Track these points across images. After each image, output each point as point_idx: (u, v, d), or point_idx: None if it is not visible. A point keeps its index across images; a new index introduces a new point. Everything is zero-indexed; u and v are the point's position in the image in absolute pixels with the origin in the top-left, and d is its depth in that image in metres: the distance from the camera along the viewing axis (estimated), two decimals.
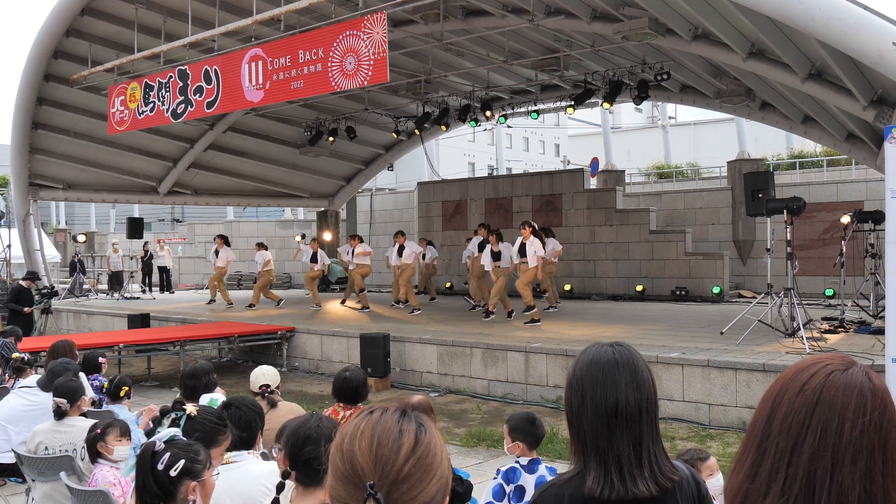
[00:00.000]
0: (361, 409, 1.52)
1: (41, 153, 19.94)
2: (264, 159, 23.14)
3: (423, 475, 1.40)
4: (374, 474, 1.37)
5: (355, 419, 1.47)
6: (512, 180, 22.39)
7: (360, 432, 1.42)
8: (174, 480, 2.59)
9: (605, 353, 2.07)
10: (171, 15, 15.78)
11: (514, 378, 11.00)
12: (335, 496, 1.42)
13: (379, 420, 1.44)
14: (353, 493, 1.38)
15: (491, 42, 16.22)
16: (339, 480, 1.41)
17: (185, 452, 2.66)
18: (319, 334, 13.53)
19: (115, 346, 11.82)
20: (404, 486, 1.38)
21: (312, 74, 12.52)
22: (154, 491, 2.58)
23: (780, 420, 1.24)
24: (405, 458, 1.39)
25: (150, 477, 2.59)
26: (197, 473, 2.64)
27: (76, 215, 48.87)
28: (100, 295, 22.82)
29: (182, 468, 2.60)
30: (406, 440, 1.41)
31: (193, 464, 2.64)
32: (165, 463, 2.59)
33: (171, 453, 2.62)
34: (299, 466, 2.62)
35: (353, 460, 1.40)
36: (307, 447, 2.66)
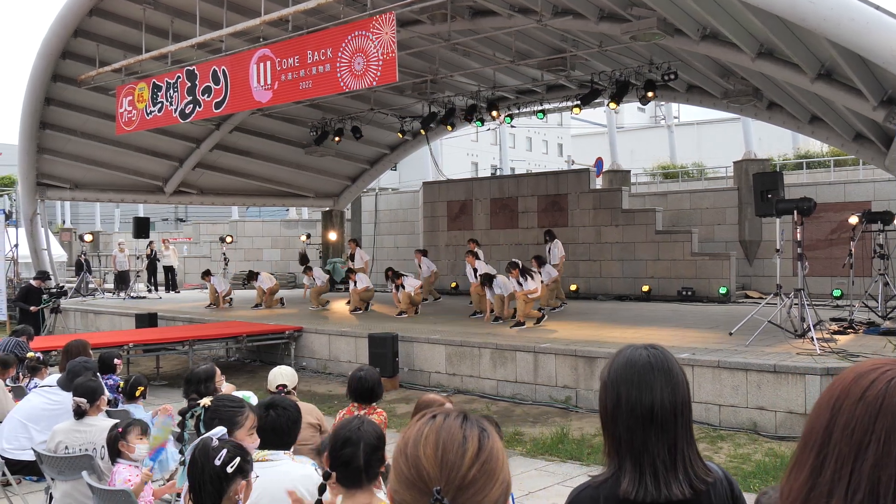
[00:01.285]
0: (423, 414, 1.52)
1: (49, 153, 19.99)
2: (270, 159, 23.17)
3: (488, 480, 1.42)
4: (441, 479, 1.39)
5: (417, 424, 1.48)
6: (517, 180, 22.40)
7: (425, 437, 1.44)
8: (229, 477, 2.63)
9: (639, 355, 2.08)
10: (178, 15, 15.81)
11: (522, 378, 11.01)
12: (399, 500, 1.44)
13: (443, 425, 1.45)
14: (419, 498, 1.40)
15: (497, 42, 16.23)
16: (404, 485, 1.43)
17: (240, 451, 2.72)
18: (327, 334, 13.55)
19: (124, 346, 11.85)
20: (470, 492, 1.40)
21: (321, 75, 12.53)
22: (214, 483, 2.62)
23: (841, 426, 1.24)
24: (470, 464, 1.41)
25: (205, 472, 2.63)
26: (247, 473, 2.70)
27: (81, 214, 48.93)
28: (106, 294, 22.85)
29: (237, 466, 2.65)
30: (470, 445, 1.43)
31: (246, 463, 2.70)
32: (223, 459, 2.63)
33: (227, 450, 2.67)
34: (338, 468, 2.66)
35: (419, 465, 1.41)
36: (346, 448, 2.69)
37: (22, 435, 5.67)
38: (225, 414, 3.24)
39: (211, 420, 3.12)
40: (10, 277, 21.31)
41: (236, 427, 3.17)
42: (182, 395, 5.25)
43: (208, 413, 3.21)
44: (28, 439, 5.62)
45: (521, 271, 13.40)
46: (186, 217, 47.67)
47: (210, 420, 3.13)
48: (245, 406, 3.37)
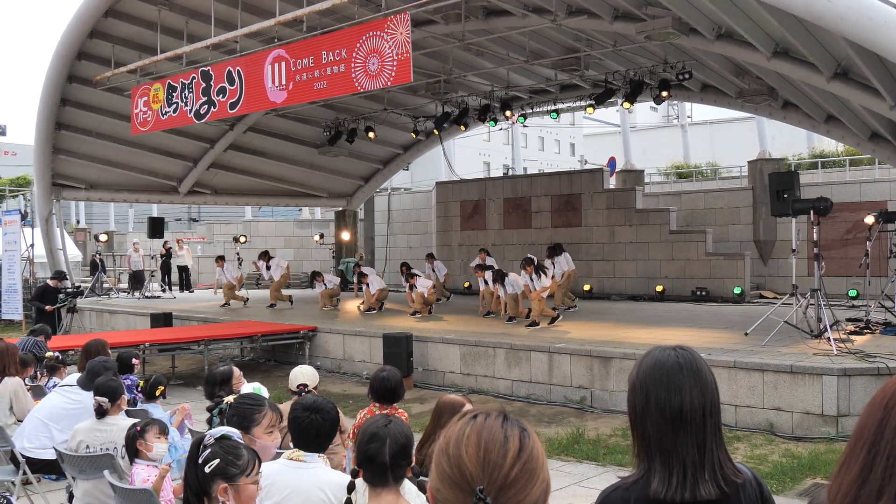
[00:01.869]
0: (463, 413, 1.54)
1: (64, 153, 20.11)
2: (283, 159, 23.25)
3: (529, 479, 1.44)
4: (483, 479, 1.41)
5: (458, 423, 1.49)
6: (531, 180, 22.37)
7: (466, 437, 1.45)
8: (207, 477, 2.59)
9: (668, 356, 2.09)
10: (193, 16, 15.87)
11: (537, 378, 11.01)
12: (441, 499, 1.46)
13: (484, 425, 1.47)
14: (461, 497, 1.42)
15: (511, 42, 16.22)
16: (446, 484, 1.44)
17: (225, 453, 2.66)
18: (342, 334, 13.59)
19: (140, 346, 11.91)
20: (511, 491, 1.42)
21: (336, 75, 12.56)
22: (191, 483, 2.60)
23: (893, 426, 1.25)
24: (512, 463, 1.43)
25: (192, 468, 2.62)
26: (231, 476, 2.62)
27: (95, 214, 49.22)
28: (120, 294, 22.97)
29: (215, 467, 2.60)
30: (512, 445, 1.44)
31: (228, 465, 2.63)
32: (204, 458, 2.61)
33: (210, 450, 2.63)
34: (364, 463, 2.66)
35: (461, 465, 1.43)
36: (372, 444, 2.71)
37: (43, 434, 5.71)
38: (244, 411, 3.26)
39: (231, 417, 3.15)
40: (26, 277, 21.46)
41: (254, 424, 3.19)
42: (204, 395, 5.28)
43: (230, 410, 3.23)
44: (49, 438, 5.67)
45: (536, 268, 13.39)
46: (199, 217, 47.89)
47: (231, 417, 3.15)
48: (264, 405, 3.37)
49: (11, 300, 20.59)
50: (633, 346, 10.53)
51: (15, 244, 20.80)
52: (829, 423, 8.56)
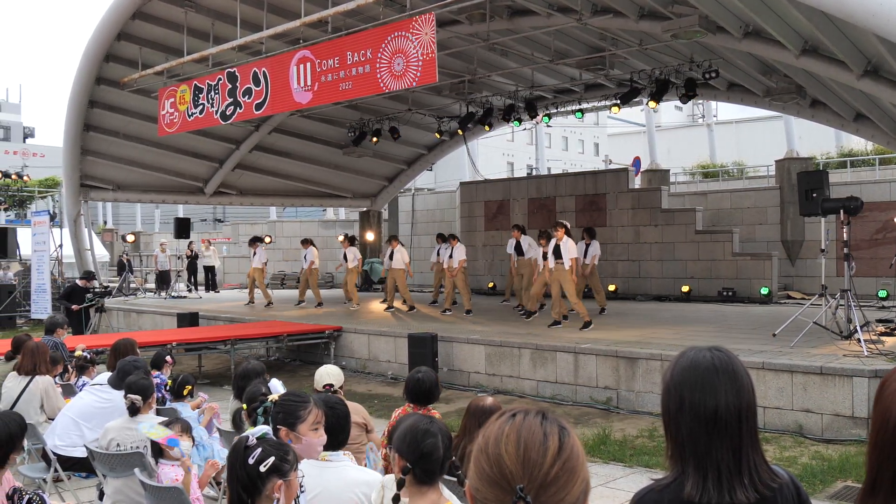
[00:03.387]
0: (502, 412, 1.53)
1: (92, 155, 20.32)
2: (308, 160, 23.35)
3: (569, 478, 1.43)
4: (524, 478, 1.40)
5: (497, 422, 1.48)
6: (555, 180, 22.30)
7: (506, 436, 1.44)
8: (263, 476, 2.63)
9: (703, 357, 2.05)
10: (219, 18, 15.97)
11: (563, 379, 10.96)
12: (480, 499, 1.45)
13: (523, 423, 1.46)
14: (501, 496, 1.41)
15: (536, 41, 16.18)
16: (486, 483, 1.44)
17: (276, 450, 2.72)
18: (367, 334, 13.61)
19: (167, 345, 12.01)
20: (552, 489, 1.41)
21: (361, 76, 12.59)
22: (244, 484, 2.63)
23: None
24: (552, 462, 1.42)
25: (241, 470, 2.64)
26: (284, 472, 2.69)
27: (121, 215, 49.80)
28: (147, 294, 23.20)
29: (271, 465, 2.65)
30: (552, 443, 1.44)
31: (282, 462, 2.69)
32: (256, 458, 2.65)
33: (262, 449, 2.67)
34: (419, 461, 2.66)
35: (501, 464, 1.42)
36: (428, 439, 2.70)
37: (74, 432, 5.78)
38: (288, 408, 3.29)
39: (277, 414, 3.17)
40: (55, 277, 21.73)
41: (299, 421, 3.21)
42: (233, 393, 5.31)
43: (275, 408, 3.26)
44: (80, 436, 5.73)
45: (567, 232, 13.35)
46: (224, 217, 48.25)
47: (276, 414, 3.18)
48: (309, 401, 3.40)
49: (41, 300, 20.85)
50: (659, 347, 10.46)
51: (44, 244, 21.08)
52: (859, 425, 8.45)
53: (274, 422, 3.35)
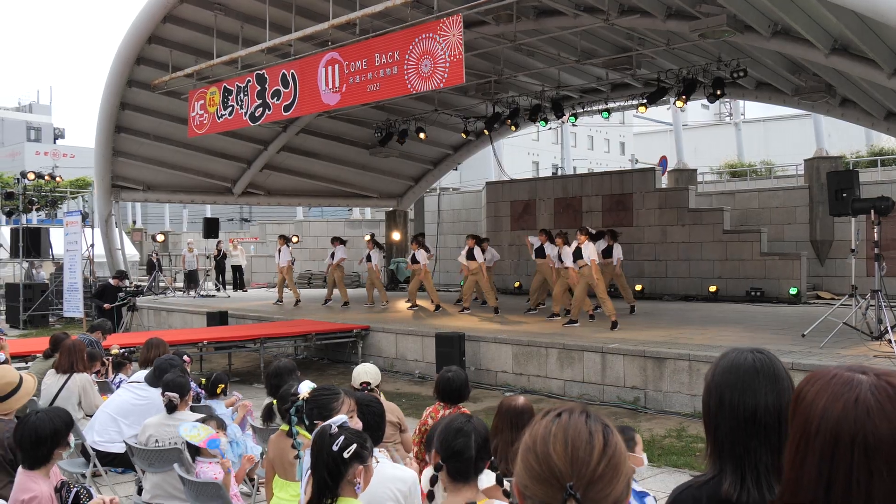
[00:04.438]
0: (547, 411, 1.59)
1: (123, 156, 20.63)
2: (335, 160, 23.52)
3: (614, 474, 1.49)
4: (572, 475, 1.46)
5: (543, 421, 1.54)
6: (581, 180, 22.28)
7: (553, 435, 1.51)
8: (346, 461, 2.78)
9: (744, 359, 2.08)
10: (248, 21, 16.16)
11: (590, 378, 10.98)
12: (529, 496, 1.51)
13: (569, 422, 1.52)
14: (550, 493, 1.48)
15: (562, 41, 16.19)
16: (535, 480, 1.50)
17: (357, 438, 2.86)
18: (394, 333, 13.71)
19: (198, 343, 12.19)
20: (599, 486, 1.47)
21: (389, 77, 12.69)
22: (329, 469, 2.78)
23: None
24: (598, 459, 1.48)
25: (327, 456, 2.79)
26: (364, 458, 2.84)
27: (150, 215, 50.34)
28: (176, 293, 23.48)
29: (354, 451, 2.79)
30: (597, 442, 1.50)
31: (363, 449, 2.84)
32: (340, 445, 2.78)
33: (345, 437, 2.82)
34: (450, 458, 2.76)
35: (550, 462, 1.48)
36: (459, 439, 2.82)
37: (112, 428, 5.91)
38: (322, 402, 3.40)
39: (311, 410, 3.28)
40: (86, 276, 22.06)
41: (334, 413, 3.32)
42: (266, 391, 5.41)
43: (308, 404, 3.36)
44: (118, 433, 5.86)
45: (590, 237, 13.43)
46: (251, 217, 48.64)
47: (311, 410, 3.28)
48: (340, 392, 3.55)
49: (73, 298, 21.17)
50: (686, 347, 10.45)
51: (76, 244, 21.40)
52: None
53: (309, 417, 3.45)
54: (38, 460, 3.70)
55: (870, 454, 1.30)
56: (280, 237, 20.16)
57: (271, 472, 3.82)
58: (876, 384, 1.35)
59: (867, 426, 1.31)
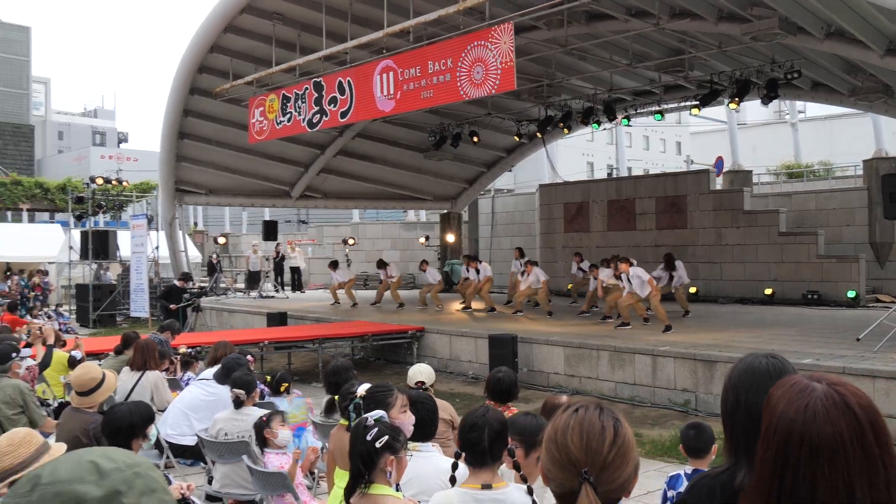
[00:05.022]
0: (568, 405, 1.86)
1: (186, 161, 21.32)
2: (390, 163, 23.93)
3: (623, 460, 1.78)
4: (587, 462, 1.75)
5: (563, 415, 1.82)
6: (635, 181, 22.29)
7: (571, 428, 1.80)
8: (377, 451, 3.06)
9: (759, 363, 2.30)
10: (305, 29, 16.61)
11: (641, 381, 11.11)
12: (552, 478, 1.81)
13: (584, 416, 1.82)
14: (568, 476, 1.77)
15: (614, 45, 16.28)
16: (556, 466, 1.80)
17: (390, 430, 3.15)
18: (448, 334, 14.00)
19: (259, 343, 12.66)
20: (610, 470, 1.76)
21: (442, 84, 12.98)
22: (363, 457, 3.07)
23: None
24: (609, 448, 1.77)
25: (361, 445, 3.08)
26: (396, 449, 3.12)
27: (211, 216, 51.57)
28: (237, 294, 24.14)
29: (385, 442, 3.08)
30: (608, 434, 1.79)
31: (394, 441, 3.12)
32: (373, 436, 3.08)
33: (378, 429, 3.11)
34: (466, 449, 3.08)
35: (568, 451, 1.78)
36: (472, 433, 3.14)
37: (183, 423, 6.31)
38: (378, 398, 3.71)
39: (368, 406, 3.59)
40: (151, 277, 22.85)
41: (389, 408, 3.63)
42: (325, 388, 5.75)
43: (365, 401, 3.67)
44: (188, 426, 6.26)
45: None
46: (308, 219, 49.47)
47: (368, 406, 3.59)
48: (394, 389, 3.89)
49: (139, 299, 21.97)
50: (738, 351, 10.50)
51: (142, 246, 22.21)
52: None
53: (367, 412, 3.75)
54: None
55: (814, 453, 1.53)
56: (330, 264, 20.76)
57: (332, 463, 4.13)
58: (826, 392, 1.58)
59: (812, 428, 1.54)
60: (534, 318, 15.79)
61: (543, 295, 16.34)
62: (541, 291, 16.33)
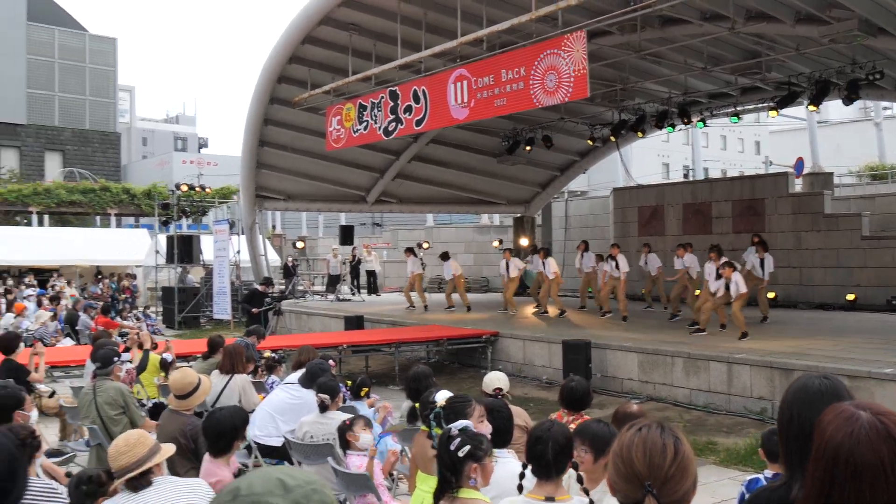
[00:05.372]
0: (631, 424, 2.06)
1: (266, 168, 21.98)
2: (463, 168, 24.19)
3: (682, 475, 2.01)
4: (650, 476, 1.98)
5: (628, 433, 2.04)
6: (711, 184, 22.02)
7: (635, 445, 2.04)
8: (461, 460, 3.27)
9: (813, 383, 2.44)
10: (380, 39, 16.96)
11: (716, 388, 11.06)
12: (618, 489, 2.05)
13: (647, 436, 2.05)
14: (632, 488, 2.01)
15: (688, 48, 16.15)
16: (622, 479, 2.04)
17: (472, 440, 3.36)
18: (522, 339, 14.15)
19: (338, 347, 13.05)
20: (671, 483, 1.99)
21: (515, 92, 13.16)
22: (447, 466, 3.30)
23: None
24: (670, 464, 2.00)
25: (445, 455, 3.31)
26: (479, 458, 3.32)
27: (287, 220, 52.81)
28: (314, 297, 24.74)
29: (468, 451, 3.28)
30: (669, 451, 2.02)
31: (477, 450, 3.32)
32: (456, 445, 3.30)
33: (461, 439, 3.32)
34: (532, 460, 3.29)
35: (632, 465, 2.02)
36: (537, 446, 3.35)
37: (270, 424, 6.65)
38: (457, 409, 3.93)
39: (448, 416, 3.80)
40: (233, 280, 23.65)
41: (466, 418, 3.83)
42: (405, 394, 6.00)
43: (445, 410, 3.90)
44: (275, 428, 6.59)
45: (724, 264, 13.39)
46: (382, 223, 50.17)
47: (447, 416, 3.81)
48: (471, 399, 4.12)
49: (221, 301, 22.79)
50: (815, 359, 10.37)
51: (224, 251, 23.03)
52: None
53: (447, 421, 3.97)
54: (221, 450, 4.40)
55: (857, 476, 1.72)
56: (406, 250, 20.98)
57: (415, 467, 4.37)
58: (870, 421, 1.75)
59: (856, 453, 1.73)
60: (609, 322, 15.80)
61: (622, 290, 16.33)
62: (621, 284, 16.35)
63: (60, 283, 27.27)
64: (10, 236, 31.23)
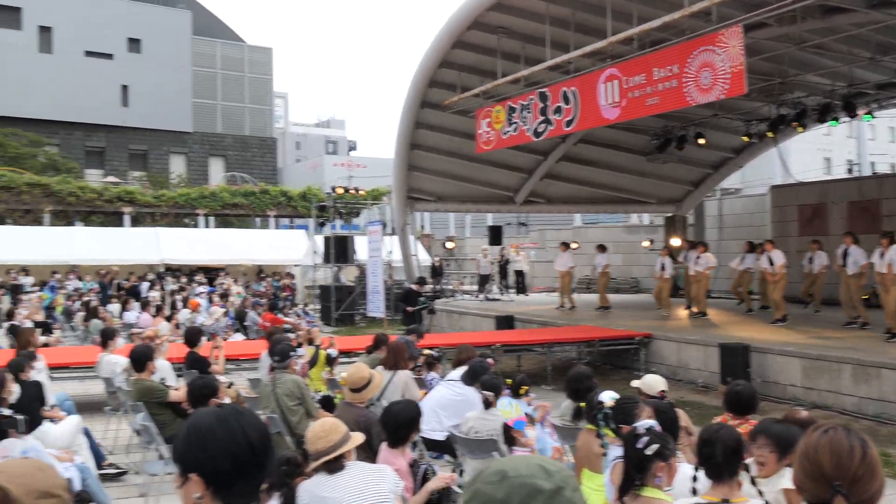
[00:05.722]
0: (816, 426, 2.14)
1: (416, 170, 22.61)
2: (612, 167, 23.95)
3: (871, 477, 2.09)
4: (838, 477, 2.07)
5: (814, 435, 2.14)
6: (879, 181, 20.82)
7: (822, 446, 2.13)
8: (648, 458, 3.39)
9: None
10: (528, 41, 17.09)
11: (888, 397, 10.47)
12: (805, 489, 2.15)
13: (834, 437, 2.14)
14: (820, 488, 2.10)
15: (854, 38, 15.34)
16: (809, 479, 2.13)
17: (660, 439, 3.47)
18: (676, 341, 13.91)
19: (491, 346, 13.32)
20: (860, 483, 2.07)
21: (667, 90, 12.98)
22: (634, 463, 3.42)
23: None
24: (858, 464, 2.08)
25: (632, 453, 3.43)
26: (666, 457, 3.44)
27: (436, 220, 53.91)
28: (464, 296, 25.18)
29: (656, 450, 3.40)
30: (857, 453, 2.10)
31: (664, 449, 3.44)
32: (644, 444, 3.41)
33: (649, 438, 3.44)
34: (703, 462, 3.38)
35: (821, 467, 2.10)
36: (705, 448, 3.41)
37: (433, 419, 6.95)
38: (626, 410, 4.04)
39: (617, 416, 3.92)
40: (385, 279, 24.45)
41: (636, 419, 3.96)
42: (566, 394, 6.14)
43: (615, 411, 4.02)
44: (438, 423, 6.89)
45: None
46: (528, 222, 50.30)
47: (616, 416, 3.92)
48: (639, 401, 4.24)
49: (375, 300, 23.62)
50: None
51: (378, 251, 23.85)
52: None
53: (616, 422, 4.08)
54: (399, 440, 4.70)
55: None
56: (561, 244, 21.01)
57: (580, 464, 4.50)
58: None
59: None
60: (765, 326, 15.27)
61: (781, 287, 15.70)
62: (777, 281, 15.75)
63: (227, 281, 29.10)
64: (181, 237, 33.63)
